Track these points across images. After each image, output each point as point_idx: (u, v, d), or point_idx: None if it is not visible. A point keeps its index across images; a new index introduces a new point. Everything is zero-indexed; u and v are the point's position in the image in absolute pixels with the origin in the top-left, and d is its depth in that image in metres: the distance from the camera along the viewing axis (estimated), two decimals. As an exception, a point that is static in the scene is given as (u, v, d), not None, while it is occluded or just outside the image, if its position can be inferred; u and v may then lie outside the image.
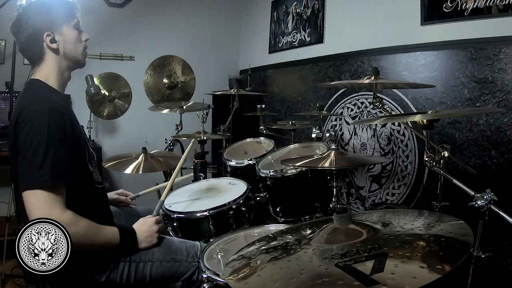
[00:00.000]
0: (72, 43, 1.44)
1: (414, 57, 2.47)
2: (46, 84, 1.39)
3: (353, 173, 2.91)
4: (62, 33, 1.41)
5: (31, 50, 1.40)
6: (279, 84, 3.85)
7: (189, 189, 2.10)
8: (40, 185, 1.18)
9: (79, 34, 1.47)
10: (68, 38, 1.43)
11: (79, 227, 1.22)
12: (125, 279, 1.40)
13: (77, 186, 1.32)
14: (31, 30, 1.37)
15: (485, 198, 1.15)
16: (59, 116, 1.26)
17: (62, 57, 1.43)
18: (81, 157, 1.38)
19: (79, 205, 1.29)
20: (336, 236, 1.00)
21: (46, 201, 1.18)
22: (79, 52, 1.47)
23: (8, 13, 2.89)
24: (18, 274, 2.62)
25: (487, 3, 2.05)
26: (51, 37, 1.38)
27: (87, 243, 1.26)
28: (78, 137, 1.36)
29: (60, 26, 1.41)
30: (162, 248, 1.49)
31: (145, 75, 3.41)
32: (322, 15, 3.26)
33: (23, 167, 1.21)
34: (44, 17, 1.39)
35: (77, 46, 1.46)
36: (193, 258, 1.51)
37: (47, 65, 1.41)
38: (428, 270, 0.73)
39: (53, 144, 1.22)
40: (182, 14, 4.14)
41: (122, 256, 1.41)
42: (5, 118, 2.95)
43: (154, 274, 1.45)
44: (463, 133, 2.19)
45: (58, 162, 1.22)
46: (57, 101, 1.32)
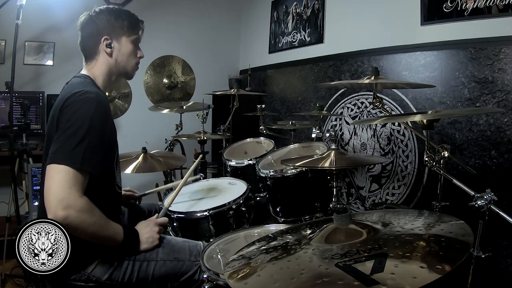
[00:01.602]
0: (126, 55, 1.54)
1: (414, 57, 2.47)
2: (94, 81, 1.49)
3: (353, 173, 2.91)
4: (120, 43, 1.52)
5: (87, 46, 1.50)
6: (279, 84, 3.85)
7: (189, 189, 2.10)
8: (69, 163, 1.19)
9: (134, 49, 1.56)
10: (124, 49, 1.53)
11: (91, 214, 1.23)
12: (127, 278, 1.40)
13: (101, 183, 1.36)
14: (93, 30, 1.48)
15: (485, 198, 1.15)
16: (104, 111, 1.33)
17: (113, 63, 1.52)
18: (112, 157, 1.44)
19: (97, 200, 1.30)
20: (336, 236, 1.00)
21: (69, 180, 1.19)
22: (129, 65, 1.57)
23: (8, 13, 2.91)
24: (18, 274, 2.62)
25: (487, 3, 2.05)
26: (108, 42, 1.49)
27: (94, 233, 1.26)
28: (113, 139, 1.45)
29: (119, 35, 1.51)
30: (165, 248, 1.50)
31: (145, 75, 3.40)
32: (322, 15, 3.26)
33: (58, 143, 1.23)
34: (108, 22, 1.49)
35: (129, 59, 1.55)
36: (195, 257, 1.51)
37: (98, 65, 1.50)
38: (428, 270, 0.73)
39: (93, 132, 1.26)
40: (182, 14, 4.14)
41: (126, 255, 1.41)
42: (5, 118, 2.95)
43: (157, 273, 1.45)
44: (463, 133, 2.19)
45: (92, 149, 1.25)
46: (104, 98, 1.40)
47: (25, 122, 2.86)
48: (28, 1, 2.54)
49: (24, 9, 2.51)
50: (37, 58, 3.46)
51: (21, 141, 2.93)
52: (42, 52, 3.47)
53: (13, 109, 2.74)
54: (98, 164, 1.28)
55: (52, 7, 3.32)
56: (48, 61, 3.50)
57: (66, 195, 1.16)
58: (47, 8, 3.30)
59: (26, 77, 3.37)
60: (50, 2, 3.30)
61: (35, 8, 3.09)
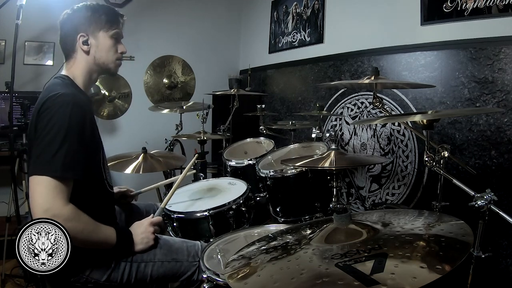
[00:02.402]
0: (105, 51, 1.48)
1: (414, 57, 2.47)
2: (74, 81, 1.45)
3: (353, 173, 2.91)
4: (97, 39, 1.47)
5: (65, 45, 1.48)
6: (279, 84, 3.85)
7: (189, 189, 2.10)
8: (50, 173, 1.17)
9: (114, 44, 1.51)
10: (102, 45, 1.47)
11: (78, 222, 1.22)
12: (125, 279, 1.40)
13: (89, 186, 1.34)
14: (70, 27, 1.45)
15: (485, 198, 1.15)
16: (81, 112, 1.29)
17: (92, 60, 1.47)
18: (97, 158, 1.41)
19: (88, 204, 1.30)
20: (336, 236, 1.00)
21: (52, 190, 1.17)
22: (109, 60, 1.51)
23: (8, 13, 2.91)
24: (18, 274, 2.62)
25: (487, 3, 2.05)
26: (84, 39, 1.44)
27: (84, 239, 1.25)
28: (96, 139, 1.41)
29: (96, 31, 1.46)
30: (163, 249, 1.49)
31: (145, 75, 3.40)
32: (322, 15, 3.26)
33: (37, 152, 1.21)
34: (83, 19, 1.45)
35: (108, 55, 1.50)
36: (194, 258, 1.51)
37: (77, 64, 1.47)
38: (428, 270, 0.73)
39: (71, 137, 1.23)
40: (182, 14, 4.14)
41: (122, 257, 1.41)
42: (5, 118, 2.95)
43: (155, 274, 1.45)
44: (463, 133, 2.19)
45: (72, 155, 1.22)
46: (81, 99, 1.36)
47: (25, 122, 2.85)
48: (28, 1, 2.54)
49: (24, 9, 2.51)
50: (37, 58, 3.46)
51: (21, 141, 2.93)
52: (42, 52, 3.46)
53: (13, 109, 2.74)
54: (80, 170, 1.26)
55: (52, 7, 3.29)
56: (48, 61, 3.50)
57: (50, 206, 1.16)
58: (47, 8, 3.29)
59: (26, 77, 3.37)
60: (50, 2, 3.29)
61: (35, 8, 3.09)
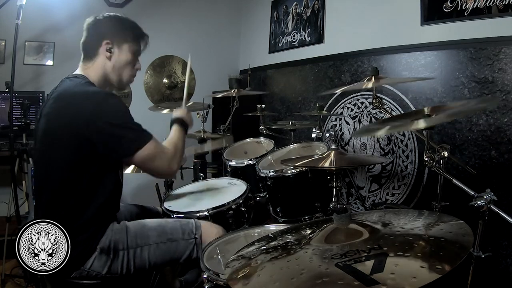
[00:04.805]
0: (123, 63, 1.56)
1: (414, 57, 2.47)
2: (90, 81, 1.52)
3: (353, 173, 2.91)
4: (120, 49, 1.55)
5: (88, 46, 1.54)
6: (279, 84, 3.85)
7: (188, 189, 2.10)
8: (149, 139, 1.43)
9: (133, 59, 1.60)
10: (122, 57, 1.56)
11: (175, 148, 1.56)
12: (125, 269, 1.41)
13: (109, 172, 1.44)
14: (97, 31, 1.53)
15: (485, 198, 1.15)
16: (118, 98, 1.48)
17: (110, 67, 1.55)
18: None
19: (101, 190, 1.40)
20: (336, 236, 1.00)
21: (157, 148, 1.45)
22: (125, 74, 1.60)
23: (8, 13, 2.91)
24: (18, 274, 2.62)
25: (487, 3, 2.05)
26: (109, 46, 1.52)
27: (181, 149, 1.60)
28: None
29: (121, 42, 1.55)
30: (156, 230, 1.51)
31: (145, 75, 3.40)
32: (322, 15, 3.26)
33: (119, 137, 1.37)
34: (113, 28, 1.55)
35: (126, 68, 1.58)
36: (189, 235, 1.52)
37: (95, 66, 1.53)
38: (428, 270, 0.73)
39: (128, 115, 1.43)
40: (182, 14, 4.14)
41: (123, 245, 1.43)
42: (5, 118, 2.95)
43: (153, 258, 1.46)
44: (463, 133, 2.19)
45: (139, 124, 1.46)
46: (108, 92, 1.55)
47: (25, 122, 2.86)
48: (28, 1, 2.54)
49: (24, 9, 2.51)
50: (37, 58, 3.45)
51: (21, 141, 2.92)
52: (42, 52, 3.46)
53: (13, 109, 2.74)
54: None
55: (52, 7, 3.31)
56: (48, 61, 3.50)
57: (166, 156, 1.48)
58: (47, 8, 3.30)
59: (26, 77, 3.37)
60: (50, 2, 3.30)
61: (35, 8, 3.09)
